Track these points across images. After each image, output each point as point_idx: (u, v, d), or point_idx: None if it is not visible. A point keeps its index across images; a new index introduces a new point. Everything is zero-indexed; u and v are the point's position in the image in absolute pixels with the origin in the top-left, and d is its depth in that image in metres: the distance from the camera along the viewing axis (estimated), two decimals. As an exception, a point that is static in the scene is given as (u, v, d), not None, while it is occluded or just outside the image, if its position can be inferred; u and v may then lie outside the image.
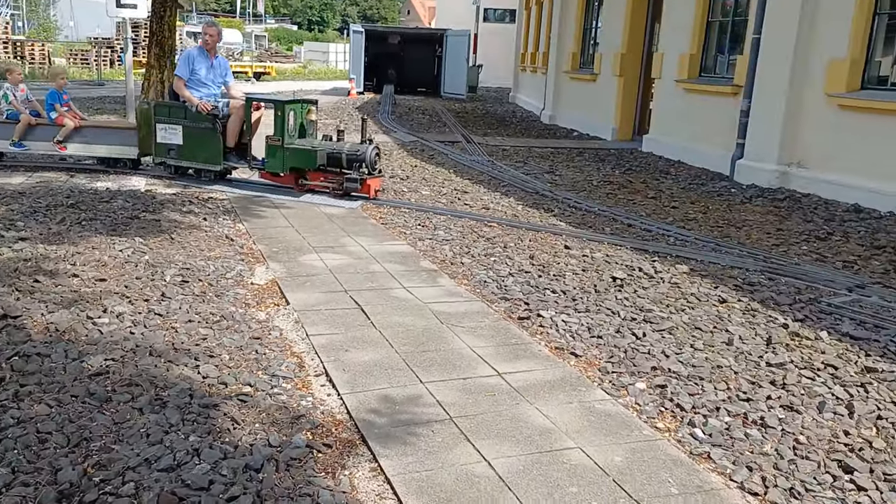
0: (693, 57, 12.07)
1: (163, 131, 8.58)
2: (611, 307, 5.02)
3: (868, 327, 4.78)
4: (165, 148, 8.62)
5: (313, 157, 8.04)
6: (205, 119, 8.33)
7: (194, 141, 8.48)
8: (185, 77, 8.40)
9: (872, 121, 8.56)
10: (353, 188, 7.94)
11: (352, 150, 7.97)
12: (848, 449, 3.28)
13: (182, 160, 8.64)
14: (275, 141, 8.09)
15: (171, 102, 8.67)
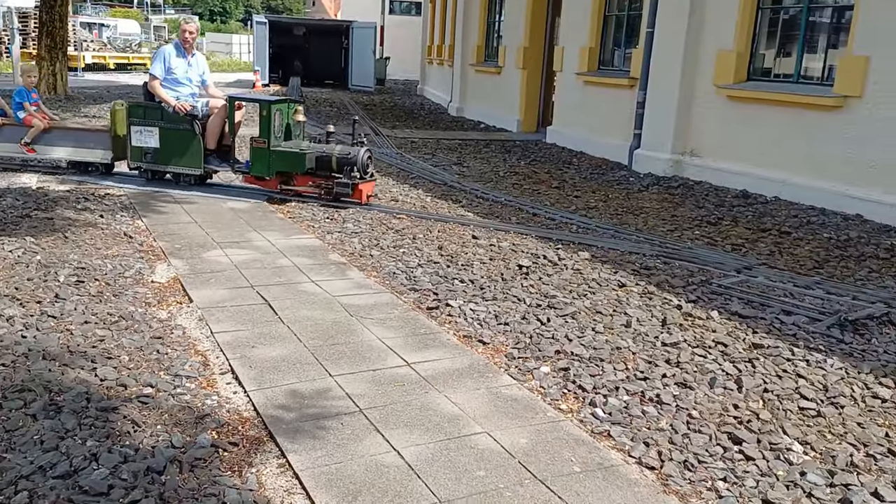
0: (592, 50, 12.43)
1: (138, 134, 8.09)
2: (517, 294, 5.14)
3: (755, 306, 5.08)
4: (141, 151, 8.13)
5: (301, 161, 7.59)
6: (183, 120, 7.91)
7: (172, 144, 8.02)
8: (160, 76, 7.94)
9: (758, 110, 9.06)
10: (344, 193, 7.52)
11: (342, 152, 7.52)
12: (737, 421, 3.49)
13: (159, 164, 8.16)
14: (260, 143, 7.66)
15: (147, 103, 8.17)
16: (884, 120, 7.59)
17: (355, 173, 7.45)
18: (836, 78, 8.09)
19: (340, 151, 7.53)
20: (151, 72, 8.01)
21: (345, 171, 7.47)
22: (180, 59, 8.07)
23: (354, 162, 7.43)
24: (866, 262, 6.23)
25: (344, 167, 7.48)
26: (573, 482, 2.94)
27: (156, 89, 7.94)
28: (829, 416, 3.55)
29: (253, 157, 7.78)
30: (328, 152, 7.56)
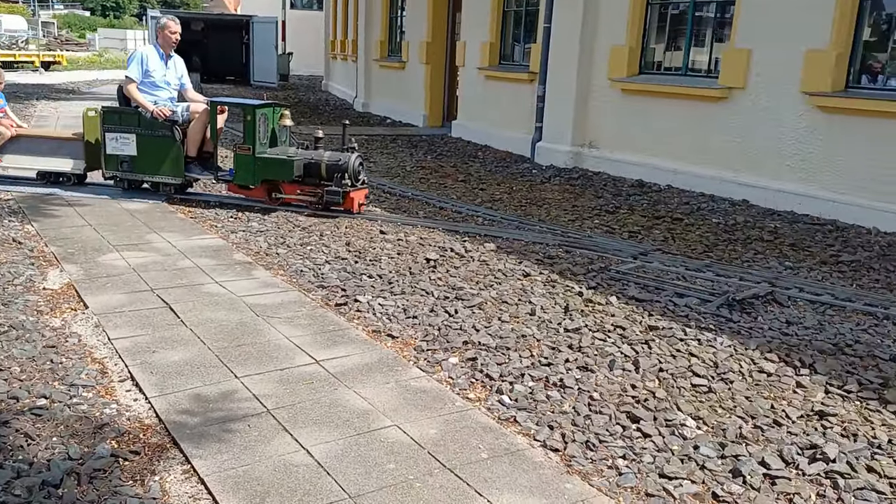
0: (492, 45, 12.62)
1: (113, 141, 7.57)
2: (425, 288, 5.19)
3: (650, 290, 5.31)
4: (117, 160, 7.63)
5: (289, 168, 7.15)
6: (162, 126, 7.46)
7: (150, 151, 7.53)
8: (137, 79, 7.46)
9: (650, 103, 9.44)
10: (334, 201, 7.11)
11: (332, 159, 7.16)
12: (635, 401, 3.65)
13: (137, 173, 7.67)
14: (244, 150, 7.23)
15: (123, 108, 7.68)
16: (765, 109, 8.06)
17: (346, 180, 7.09)
18: (721, 70, 8.53)
19: (330, 158, 7.18)
20: (128, 75, 7.47)
21: (335, 178, 7.11)
22: (159, 61, 7.61)
23: (345, 168, 7.09)
24: (752, 245, 6.62)
25: (334, 174, 7.13)
26: (481, 469, 3.01)
27: (132, 93, 7.45)
28: (720, 392, 3.76)
29: (237, 165, 7.33)
30: (317, 159, 7.20)
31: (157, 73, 7.53)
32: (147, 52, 7.60)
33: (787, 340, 4.42)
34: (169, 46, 7.62)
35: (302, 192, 7.30)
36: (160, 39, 7.65)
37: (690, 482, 2.98)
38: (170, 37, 7.58)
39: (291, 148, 7.39)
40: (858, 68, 7.47)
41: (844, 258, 6.19)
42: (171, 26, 7.59)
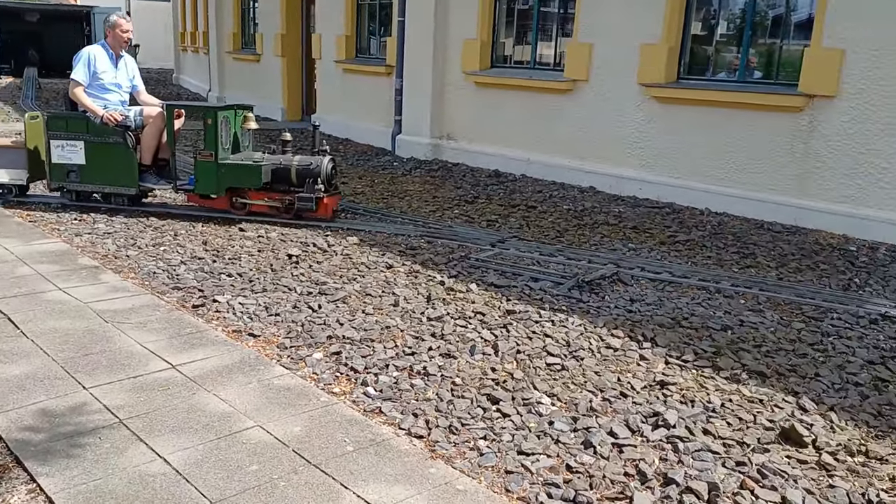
0: (348, 38, 12.55)
1: (59, 149, 6.92)
2: (287, 284, 5.13)
3: (508, 276, 5.52)
4: (63, 170, 6.96)
5: (256, 174, 6.70)
6: (113, 132, 6.82)
7: (100, 159, 6.90)
8: (84, 82, 6.79)
9: (502, 95, 9.76)
10: (306, 208, 6.71)
11: (303, 163, 6.74)
12: (494, 383, 3.79)
13: (86, 183, 7.01)
14: (206, 156, 6.73)
15: (69, 113, 7.01)
16: (607, 101, 8.54)
17: (319, 186, 6.68)
18: (566, 64, 8.94)
19: (300, 162, 6.76)
20: (74, 77, 6.82)
21: (307, 184, 6.70)
22: (108, 62, 6.97)
23: (317, 173, 6.67)
24: (599, 229, 7.01)
25: (305, 180, 6.71)
26: (347, 462, 3.04)
27: (79, 97, 6.82)
28: (572, 369, 3.98)
29: (198, 173, 6.82)
30: (286, 163, 6.78)
31: (106, 75, 6.94)
32: (95, 52, 6.94)
33: (631, 317, 4.74)
34: (119, 46, 7.04)
35: (270, 200, 6.86)
36: (109, 39, 7.02)
37: (546, 456, 3.15)
38: (121, 36, 6.97)
39: (257, 153, 6.96)
40: (688, 61, 8.07)
41: (680, 238, 6.70)
42: (121, 24, 6.97)
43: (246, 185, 6.82)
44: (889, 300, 5.16)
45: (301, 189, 6.73)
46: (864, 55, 6.48)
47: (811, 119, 6.88)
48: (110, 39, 7.00)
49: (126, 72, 7.15)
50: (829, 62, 6.69)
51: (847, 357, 4.18)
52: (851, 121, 6.63)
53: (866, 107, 6.52)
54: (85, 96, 6.84)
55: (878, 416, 3.54)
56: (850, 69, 6.58)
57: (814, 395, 3.72)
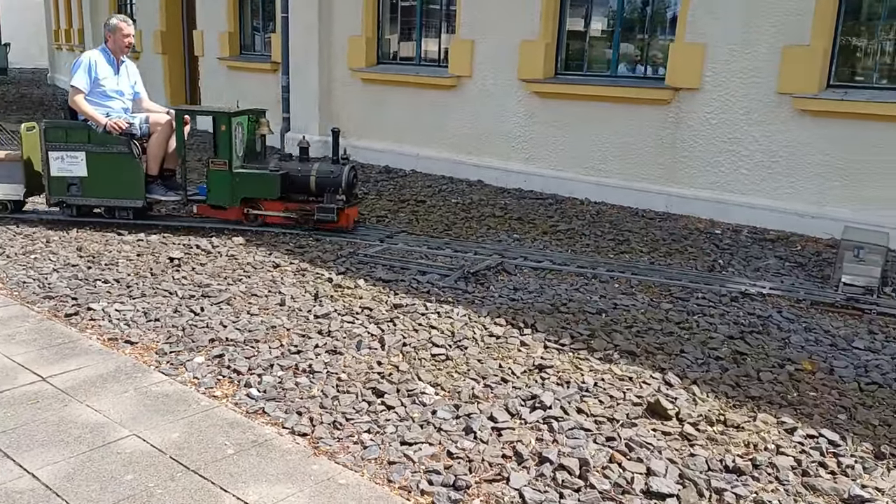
0: (231, 35, 12.27)
1: (58, 161, 6.43)
2: (168, 288, 5.00)
3: (396, 270, 5.58)
4: (64, 183, 6.48)
5: (273, 184, 6.36)
6: (118, 141, 6.37)
7: (104, 171, 6.45)
8: (85, 89, 6.35)
9: (389, 92, 9.81)
10: (327, 219, 6.35)
11: (323, 171, 6.38)
12: (380, 376, 3.84)
13: (89, 196, 6.54)
14: (219, 165, 6.35)
15: (69, 123, 6.52)
16: (490, 96, 8.74)
17: (340, 196, 6.34)
18: (450, 60, 9.08)
19: (321, 170, 6.41)
20: (74, 84, 6.37)
21: (327, 193, 6.36)
22: (109, 68, 6.54)
23: (338, 182, 6.32)
24: (485, 221, 7.18)
25: (326, 189, 6.37)
26: (227, 465, 3.02)
27: (80, 105, 6.37)
28: (456, 358, 4.08)
29: (211, 183, 6.45)
30: (305, 172, 6.42)
31: (107, 82, 6.52)
32: (95, 57, 6.52)
33: (513, 305, 4.90)
34: (121, 51, 6.62)
35: (287, 210, 6.53)
36: (110, 44, 6.60)
37: (428, 445, 3.23)
38: (122, 40, 6.56)
39: (272, 160, 6.61)
40: (565, 57, 8.37)
41: (562, 227, 6.95)
42: (123, 28, 6.54)
43: (262, 195, 6.49)
44: (749, 279, 5.55)
45: (320, 199, 6.44)
46: (722, 49, 6.92)
47: (678, 111, 7.29)
48: (111, 44, 6.61)
49: (128, 78, 6.79)
50: (692, 56, 7.10)
51: (710, 333, 4.48)
52: (714, 111, 7.07)
53: (727, 98, 6.97)
54: (86, 104, 6.44)
55: (736, 386, 3.81)
56: (711, 63, 7.01)
57: (678, 370, 3.97)
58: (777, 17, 6.58)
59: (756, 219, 6.94)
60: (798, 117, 6.58)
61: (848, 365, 4.10)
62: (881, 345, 4.40)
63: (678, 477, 2.99)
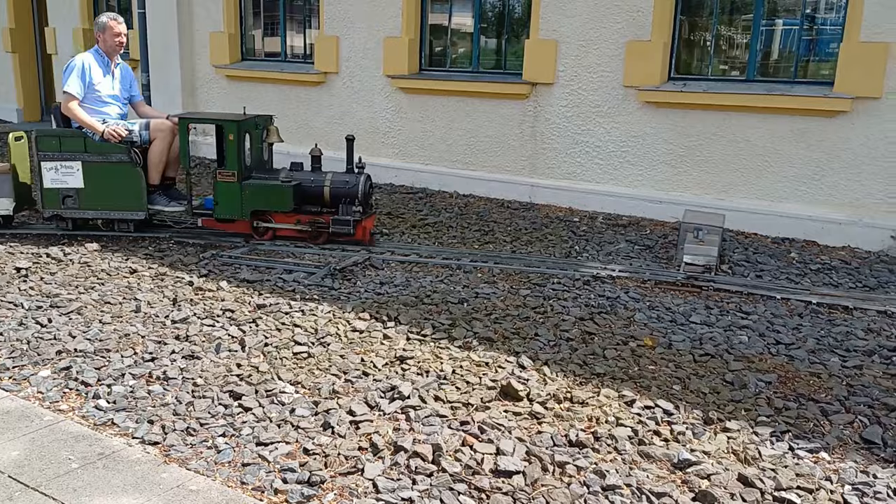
0: (86, 31, 11.65)
1: (52, 172, 6.10)
2: (13, 300, 4.74)
3: (262, 270, 5.52)
4: (58, 195, 6.17)
5: (286, 196, 6.04)
6: (117, 150, 6.07)
7: (102, 181, 6.14)
8: (79, 95, 6.03)
9: (255, 89, 9.66)
10: (343, 232, 6.04)
11: (338, 181, 6.08)
12: (239, 378, 3.81)
13: (86, 209, 6.23)
14: (227, 176, 6.03)
15: (63, 131, 6.16)
16: (358, 92, 8.77)
17: (357, 207, 6.02)
18: (316, 56, 9.03)
19: (335, 180, 6.09)
20: (66, 90, 6.02)
21: (342, 204, 6.04)
22: (104, 70, 6.20)
23: (354, 193, 6.01)
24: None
25: (340, 200, 6.05)
26: (71, 479, 2.92)
27: (75, 112, 6.04)
28: (318, 355, 4.10)
29: (218, 195, 6.11)
30: (318, 182, 6.10)
31: (102, 86, 6.17)
32: (87, 60, 6.13)
33: (378, 299, 4.96)
34: (113, 52, 6.26)
35: (300, 223, 6.18)
36: (101, 44, 6.23)
37: (284, 443, 3.24)
38: (112, 40, 6.19)
39: (282, 170, 6.26)
40: (429, 53, 8.50)
41: (430, 220, 7.09)
42: (113, 27, 6.17)
43: (274, 207, 6.15)
44: (601, 262, 5.86)
45: (334, 210, 6.14)
46: (573, 45, 7.24)
47: (536, 105, 7.58)
48: (102, 45, 6.23)
49: (123, 81, 6.41)
50: (546, 52, 7.39)
51: (562, 316, 4.71)
52: (568, 105, 7.40)
53: (579, 92, 7.31)
54: (81, 111, 6.07)
55: (583, 365, 4.03)
56: (564, 58, 7.32)
57: (532, 353, 4.15)
58: (621, 15, 6.97)
59: (610, 206, 7.33)
60: (643, 109, 6.99)
61: (685, 339, 4.42)
62: (716, 318, 4.77)
63: (525, 454, 3.15)
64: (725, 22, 7.07)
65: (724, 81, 6.85)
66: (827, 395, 3.72)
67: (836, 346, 4.33)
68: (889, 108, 6.00)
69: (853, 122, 6.11)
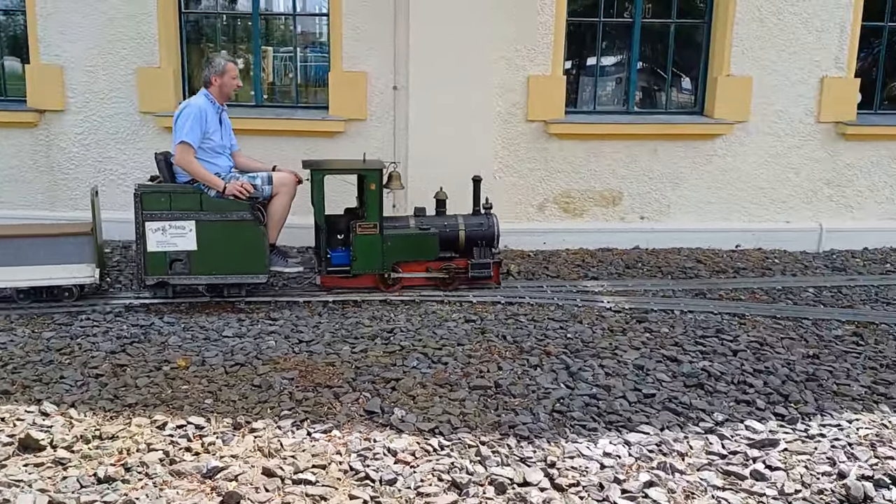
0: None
1: (159, 234, 5.34)
2: None
3: None
4: (165, 260, 5.33)
5: (430, 244, 5.84)
6: (238, 207, 5.44)
7: (219, 243, 5.46)
8: (196, 145, 5.26)
9: None
10: (483, 276, 5.90)
11: (472, 224, 5.94)
12: None
13: (198, 274, 5.50)
14: (368, 229, 5.64)
15: (174, 187, 5.46)
16: None
17: (495, 249, 6.02)
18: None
19: (469, 223, 5.97)
20: (186, 139, 5.32)
21: (478, 247, 5.93)
22: (215, 118, 5.54)
23: (491, 235, 5.97)
24: None
25: (476, 243, 5.95)
26: None
27: (193, 166, 5.39)
28: None
29: (358, 249, 5.69)
30: (452, 227, 5.91)
31: (215, 136, 5.54)
32: (203, 106, 5.45)
33: None
34: (225, 97, 5.68)
35: (431, 270, 5.93)
36: (214, 88, 5.58)
37: None
38: (230, 83, 5.60)
39: (410, 216, 6.04)
40: None
41: None
42: (231, 70, 5.57)
43: (417, 257, 5.92)
44: (133, 293, 5.78)
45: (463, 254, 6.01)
46: (80, 71, 6.95)
47: (48, 133, 7.08)
48: (215, 89, 5.61)
49: (227, 129, 5.79)
50: (52, 77, 6.93)
51: (91, 353, 4.59)
52: (85, 132, 7.08)
53: (93, 119, 7.05)
54: (199, 164, 5.44)
55: (114, 399, 4.01)
56: (72, 84, 6.98)
57: (56, 397, 3.99)
58: (128, 41, 6.87)
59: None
60: (163, 134, 6.97)
61: (218, 353, 4.69)
62: (247, 329, 5.14)
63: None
64: (231, 50, 7.53)
65: (239, 107, 7.27)
66: (339, 380, 4.34)
67: (348, 336, 5.04)
68: (372, 128, 7.09)
69: (348, 141, 7.06)
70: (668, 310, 5.63)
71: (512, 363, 4.58)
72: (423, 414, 3.90)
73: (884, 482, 3.27)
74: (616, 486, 3.22)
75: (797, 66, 7.29)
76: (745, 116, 7.31)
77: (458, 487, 3.21)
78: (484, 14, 6.73)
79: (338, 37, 6.91)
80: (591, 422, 3.84)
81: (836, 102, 7.35)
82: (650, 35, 7.65)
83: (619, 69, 7.90)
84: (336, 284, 5.92)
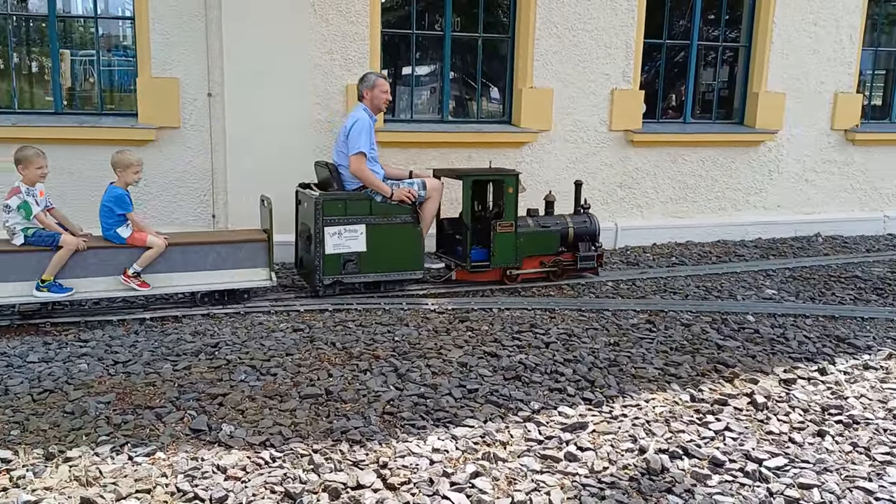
0: None
1: (335, 237, 5.95)
2: None
3: None
4: (340, 261, 5.99)
5: (553, 240, 6.74)
6: (401, 211, 6.18)
7: (384, 244, 6.14)
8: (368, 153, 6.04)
9: None
10: (588, 267, 6.83)
11: (579, 222, 6.86)
12: None
13: (367, 273, 6.15)
14: (506, 227, 6.39)
15: (349, 194, 6.09)
16: None
17: (599, 243, 6.89)
18: None
19: (576, 221, 6.85)
20: (362, 149, 5.97)
21: (583, 242, 6.79)
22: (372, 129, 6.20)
23: (594, 231, 6.86)
24: None
25: (581, 238, 6.80)
26: None
27: (366, 174, 6.04)
28: None
29: (497, 246, 6.40)
30: (562, 225, 6.79)
31: (375, 146, 6.25)
32: (367, 119, 6.11)
33: None
34: (377, 110, 6.30)
35: (544, 264, 6.73)
36: (367, 101, 6.23)
37: None
38: (380, 97, 6.24)
39: (528, 217, 6.72)
40: None
41: None
42: (382, 84, 6.22)
43: (542, 252, 6.71)
44: None
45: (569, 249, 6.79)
46: None
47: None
48: (368, 101, 6.22)
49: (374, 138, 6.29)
50: None
51: None
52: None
53: None
54: (370, 172, 6.06)
55: None
56: None
57: None
58: None
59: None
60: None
61: (23, 380, 4.34)
62: (54, 353, 4.80)
63: None
64: (25, 54, 6.95)
65: (35, 115, 6.72)
66: (161, 400, 4.18)
67: (169, 354, 4.86)
68: (186, 136, 6.83)
69: (161, 150, 6.75)
70: (488, 308, 5.97)
71: (342, 369, 4.65)
72: (253, 427, 3.87)
73: (677, 453, 3.71)
74: (445, 480, 3.40)
75: (590, 78, 7.98)
76: (548, 126, 7.88)
77: (291, 498, 3.23)
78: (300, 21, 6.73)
79: (145, 41, 6.60)
80: (420, 420, 4.01)
81: (624, 113, 8.13)
82: (460, 47, 8.02)
83: (433, 79, 8.21)
84: (467, 278, 6.63)
